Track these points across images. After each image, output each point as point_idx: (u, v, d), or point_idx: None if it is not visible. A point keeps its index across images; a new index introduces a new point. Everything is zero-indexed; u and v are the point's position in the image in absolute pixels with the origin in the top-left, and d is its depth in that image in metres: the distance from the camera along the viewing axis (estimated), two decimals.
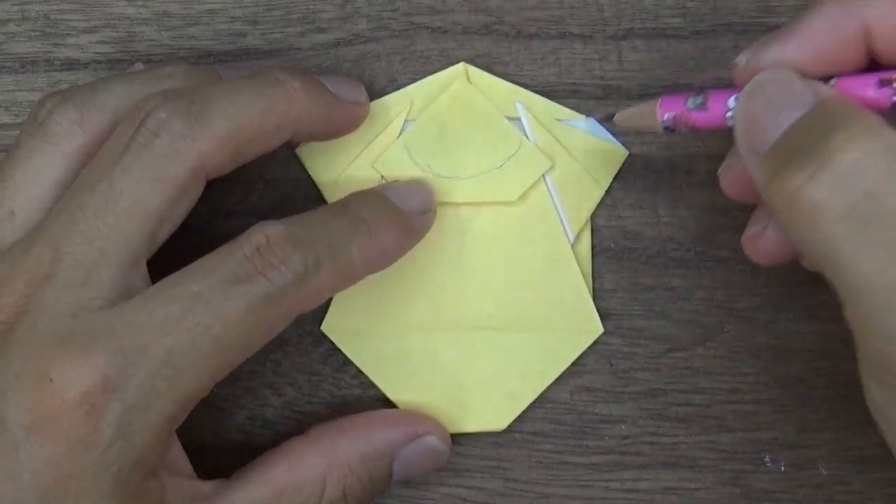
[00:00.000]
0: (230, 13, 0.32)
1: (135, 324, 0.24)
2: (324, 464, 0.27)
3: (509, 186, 0.31)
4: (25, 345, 0.24)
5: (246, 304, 0.24)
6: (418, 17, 0.32)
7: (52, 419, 0.23)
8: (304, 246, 0.25)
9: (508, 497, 0.31)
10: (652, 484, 0.31)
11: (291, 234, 0.25)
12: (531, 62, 0.32)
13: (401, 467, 0.29)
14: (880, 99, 0.23)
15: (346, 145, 0.31)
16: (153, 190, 0.25)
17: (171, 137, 0.25)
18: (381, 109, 0.31)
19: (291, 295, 0.25)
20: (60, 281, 0.24)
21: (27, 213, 0.26)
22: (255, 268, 0.24)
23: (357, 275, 0.27)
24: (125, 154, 0.25)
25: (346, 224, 0.27)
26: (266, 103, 0.26)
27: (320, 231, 0.26)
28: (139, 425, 0.24)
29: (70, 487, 0.23)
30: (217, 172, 0.26)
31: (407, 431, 0.29)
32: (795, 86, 0.24)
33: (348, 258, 0.26)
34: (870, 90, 0.23)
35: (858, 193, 0.21)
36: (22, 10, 0.32)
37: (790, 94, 0.24)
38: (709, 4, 0.31)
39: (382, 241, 0.27)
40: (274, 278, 0.24)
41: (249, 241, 0.25)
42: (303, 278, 0.25)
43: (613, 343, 0.31)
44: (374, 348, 0.31)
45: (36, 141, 0.26)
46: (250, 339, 0.25)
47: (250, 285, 0.24)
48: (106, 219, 0.25)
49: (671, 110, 0.26)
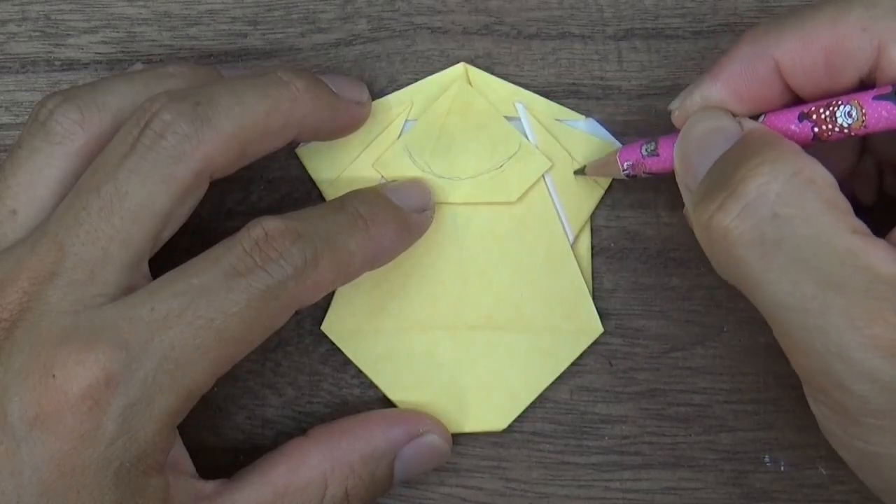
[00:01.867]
0: (231, 13, 0.32)
1: (137, 319, 0.24)
2: (325, 464, 0.27)
3: (509, 187, 0.31)
4: (28, 342, 0.24)
5: (247, 298, 0.24)
6: (418, 17, 0.32)
7: (55, 415, 0.23)
8: (303, 240, 0.25)
9: (508, 497, 0.31)
10: (652, 484, 0.31)
11: (290, 228, 0.25)
12: (531, 62, 0.32)
13: (402, 466, 0.29)
14: (801, 131, 0.24)
15: (346, 145, 0.31)
16: (158, 191, 0.25)
17: (177, 139, 0.25)
18: (382, 109, 0.31)
19: (291, 288, 0.25)
20: (64, 279, 0.24)
21: (29, 212, 0.26)
22: (255, 262, 0.25)
23: (355, 269, 0.27)
24: (130, 155, 0.25)
25: (343, 219, 0.27)
26: (271, 104, 0.27)
27: (318, 226, 0.26)
28: (142, 420, 0.24)
29: (72, 483, 0.23)
30: (222, 173, 0.26)
31: (408, 431, 0.29)
32: (722, 124, 0.25)
33: (346, 252, 0.26)
34: (792, 124, 0.24)
35: (765, 218, 0.22)
36: (22, 11, 0.32)
37: (718, 131, 0.25)
38: (709, 4, 0.31)
39: (380, 237, 0.27)
40: (274, 272, 0.25)
41: (249, 236, 0.25)
42: (302, 272, 0.25)
43: (613, 343, 0.31)
44: (374, 348, 0.31)
45: (37, 140, 0.26)
46: (251, 333, 0.25)
47: (251, 279, 0.24)
48: (111, 219, 0.25)
49: (629, 159, 0.28)
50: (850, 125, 0.23)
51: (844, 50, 0.23)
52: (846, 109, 0.23)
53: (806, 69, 0.24)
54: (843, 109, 0.23)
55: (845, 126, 0.23)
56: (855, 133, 0.23)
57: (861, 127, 0.22)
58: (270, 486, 0.27)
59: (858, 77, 0.24)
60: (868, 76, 0.24)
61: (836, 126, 0.23)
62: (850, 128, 0.23)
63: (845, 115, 0.23)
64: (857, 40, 0.23)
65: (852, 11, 0.23)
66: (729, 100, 0.25)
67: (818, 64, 0.24)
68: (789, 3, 0.31)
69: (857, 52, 0.23)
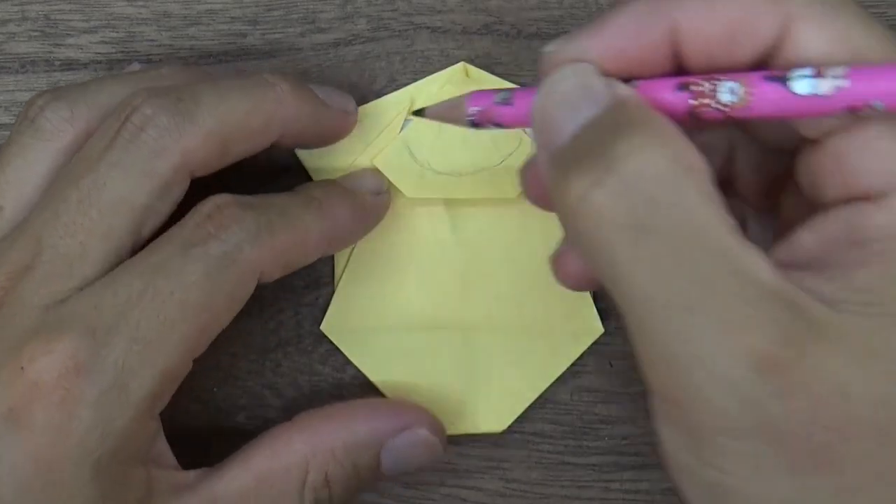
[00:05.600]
0: (230, 13, 0.32)
1: (101, 304, 0.24)
2: (306, 450, 0.27)
3: (509, 184, 0.31)
4: (1, 338, 0.24)
5: (204, 266, 0.24)
6: (418, 17, 0.32)
7: (27, 408, 0.23)
8: (256, 209, 0.26)
9: (508, 497, 0.31)
10: (652, 484, 0.31)
11: (241, 200, 0.26)
12: (531, 62, 0.32)
13: (391, 459, 0.28)
14: (677, 103, 0.21)
15: (346, 145, 0.31)
16: (137, 185, 0.25)
17: (157, 133, 0.25)
18: (382, 109, 0.31)
19: (247, 252, 0.25)
20: (40, 273, 0.24)
21: (16, 208, 0.26)
22: (209, 231, 0.25)
23: (313, 244, 0.27)
24: (110, 149, 0.25)
25: (297, 199, 0.27)
26: (253, 103, 0.27)
27: (272, 200, 0.26)
28: (117, 408, 0.24)
29: (50, 478, 0.23)
30: (203, 170, 0.26)
31: (394, 422, 0.28)
32: (593, 83, 0.22)
33: (302, 224, 0.26)
34: (668, 93, 0.21)
35: (640, 202, 0.20)
36: (22, 11, 0.32)
37: (587, 91, 0.22)
38: None
39: (335, 216, 0.28)
40: (227, 238, 0.25)
41: (200, 211, 0.25)
42: (256, 236, 0.25)
43: (613, 343, 0.31)
44: (374, 348, 0.31)
45: (26, 138, 0.26)
46: (214, 302, 0.25)
47: (206, 247, 0.24)
48: (89, 212, 0.25)
49: (478, 104, 0.25)
50: (732, 103, 0.20)
51: (750, 21, 0.21)
52: (731, 86, 0.20)
53: (706, 36, 0.22)
54: (727, 85, 0.20)
55: (727, 104, 0.20)
56: (734, 114, 0.21)
57: (744, 107, 0.20)
58: (251, 473, 0.27)
59: (757, 54, 0.21)
60: (766, 56, 0.22)
61: (715, 101, 0.20)
62: (730, 106, 0.20)
63: (729, 91, 0.20)
64: (765, 12, 0.21)
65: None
66: (609, 58, 0.22)
67: (720, 33, 0.21)
68: None
69: (762, 26, 0.21)
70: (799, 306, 0.19)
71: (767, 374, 0.19)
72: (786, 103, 0.20)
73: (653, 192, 0.20)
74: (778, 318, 0.19)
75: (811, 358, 0.19)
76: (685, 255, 0.19)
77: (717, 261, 0.19)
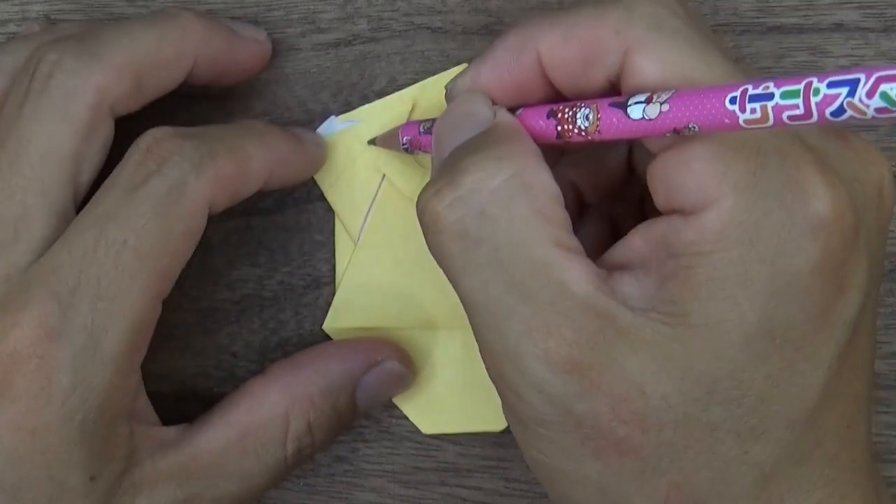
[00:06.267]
0: (230, 13, 0.32)
1: (59, 266, 0.24)
2: (285, 400, 0.27)
3: None
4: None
5: (151, 206, 0.24)
6: (418, 17, 0.32)
7: (5, 380, 0.23)
8: (196, 139, 0.25)
9: (508, 497, 0.31)
10: None
11: (179, 131, 0.26)
12: None
13: (365, 396, 0.29)
14: (547, 128, 0.23)
15: (346, 146, 0.31)
16: (59, 131, 0.25)
17: (66, 76, 0.25)
18: (383, 109, 0.31)
19: (192, 183, 0.25)
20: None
21: None
22: (150, 168, 0.25)
23: (255, 171, 0.27)
24: (25, 103, 0.25)
25: (238, 128, 0.27)
26: (159, 32, 0.27)
27: (210, 130, 0.26)
28: (94, 366, 0.24)
29: (37, 445, 0.23)
30: (124, 107, 0.26)
31: (365, 359, 0.29)
32: (475, 109, 0.24)
33: (244, 151, 0.26)
34: (541, 119, 0.24)
35: (472, 213, 0.22)
36: (22, 11, 0.32)
37: (469, 116, 0.24)
38: (709, 4, 0.31)
39: (275, 146, 0.28)
40: (170, 171, 0.25)
41: (139, 146, 0.25)
42: (199, 164, 0.25)
43: None
44: None
45: None
46: (169, 242, 0.25)
47: (149, 186, 0.24)
48: (21, 170, 0.25)
49: (408, 134, 0.28)
50: (587, 128, 0.22)
51: (598, 49, 0.23)
52: (585, 112, 0.22)
53: (565, 63, 0.23)
54: (583, 112, 0.22)
55: (583, 129, 0.22)
56: (592, 137, 0.22)
57: (595, 131, 0.22)
58: (232, 427, 0.27)
59: (608, 78, 0.23)
60: (616, 79, 0.23)
61: (575, 127, 0.23)
62: (587, 131, 0.22)
63: (584, 117, 0.22)
64: (609, 41, 0.22)
65: (612, 12, 0.23)
66: (492, 87, 0.25)
67: (575, 60, 0.23)
68: (789, 2, 0.31)
69: (608, 53, 0.23)
70: (608, 315, 0.21)
71: (570, 376, 0.21)
72: (625, 127, 0.22)
73: (485, 205, 0.22)
74: (585, 325, 0.21)
75: (614, 362, 0.21)
76: (505, 266, 0.22)
77: (536, 272, 0.21)
